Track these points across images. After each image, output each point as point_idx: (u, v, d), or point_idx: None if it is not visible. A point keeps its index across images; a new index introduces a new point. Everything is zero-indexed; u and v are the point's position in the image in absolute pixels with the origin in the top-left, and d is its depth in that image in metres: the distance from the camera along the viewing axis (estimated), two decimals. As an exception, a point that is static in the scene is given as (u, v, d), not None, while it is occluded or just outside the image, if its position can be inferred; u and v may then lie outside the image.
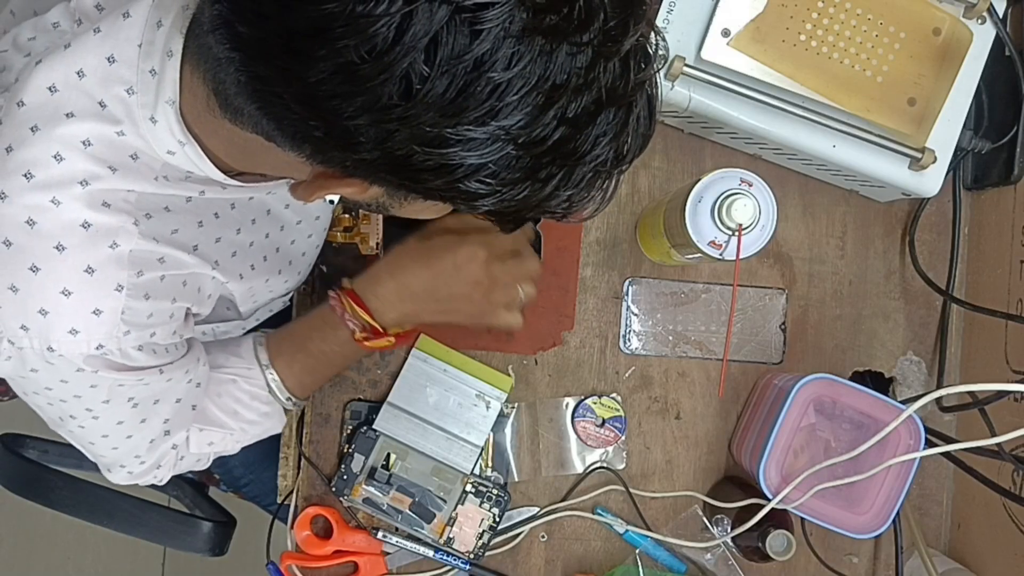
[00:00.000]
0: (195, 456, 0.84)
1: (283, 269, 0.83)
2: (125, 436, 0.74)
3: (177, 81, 0.58)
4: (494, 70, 0.46)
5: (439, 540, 0.92)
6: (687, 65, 0.85)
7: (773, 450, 0.85)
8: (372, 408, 0.93)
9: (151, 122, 0.60)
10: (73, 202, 0.60)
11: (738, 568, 0.94)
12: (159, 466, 0.81)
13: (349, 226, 0.94)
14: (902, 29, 0.86)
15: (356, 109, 0.47)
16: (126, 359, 0.66)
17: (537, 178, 0.51)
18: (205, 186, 0.68)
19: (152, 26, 0.59)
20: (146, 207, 0.64)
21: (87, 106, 0.60)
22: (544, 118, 0.48)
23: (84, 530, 1.11)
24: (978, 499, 0.95)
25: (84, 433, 0.73)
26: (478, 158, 0.49)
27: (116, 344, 0.64)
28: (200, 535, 1.04)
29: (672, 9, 0.87)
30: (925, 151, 0.87)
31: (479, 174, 0.50)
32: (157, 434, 0.76)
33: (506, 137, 0.48)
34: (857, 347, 0.99)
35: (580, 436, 0.95)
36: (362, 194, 0.57)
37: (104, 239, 0.62)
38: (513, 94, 0.47)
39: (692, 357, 0.97)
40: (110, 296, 0.63)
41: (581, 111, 0.49)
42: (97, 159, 0.60)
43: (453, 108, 0.47)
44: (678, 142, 0.98)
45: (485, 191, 0.51)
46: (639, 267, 0.97)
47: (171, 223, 0.67)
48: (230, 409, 0.83)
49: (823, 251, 0.99)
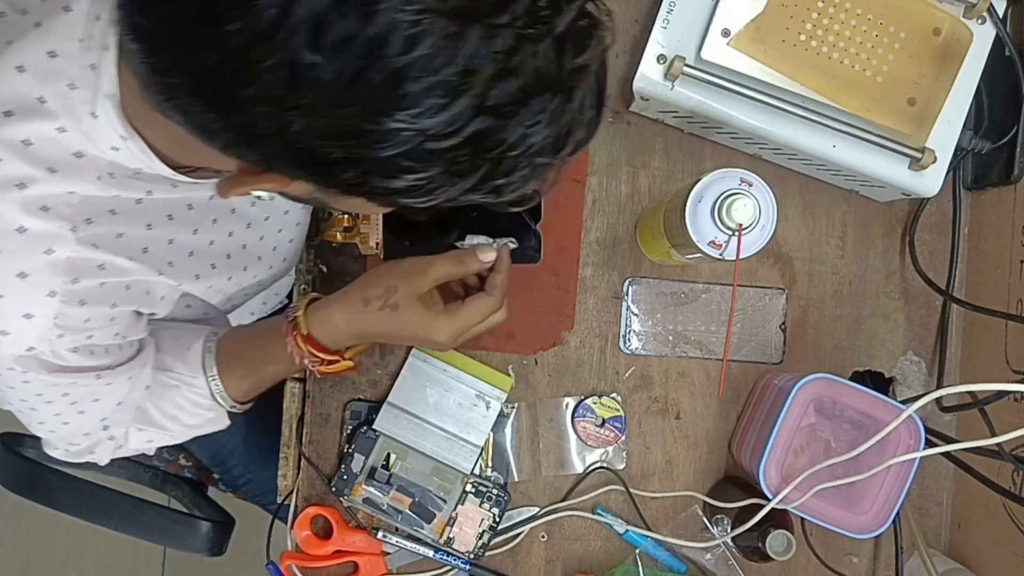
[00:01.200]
0: (134, 449, 0.84)
1: (250, 265, 0.82)
2: (62, 423, 0.74)
3: (114, 75, 0.57)
4: (389, 55, 0.42)
5: (439, 540, 0.92)
6: (687, 65, 0.85)
7: (773, 450, 0.85)
8: (372, 408, 0.93)
9: (92, 117, 0.59)
10: (9, 205, 0.59)
11: (738, 568, 0.94)
12: (93, 452, 0.81)
13: (349, 226, 0.94)
14: (902, 29, 0.86)
15: (248, 99, 0.44)
16: (59, 360, 0.66)
17: (457, 171, 0.48)
18: (154, 184, 0.66)
19: (92, 20, 0.58)
20: (88, 211, 0.62)
21: (27, 103, 0.58)
22: (455, 107, 0.44)
23: (84, 530, 1.11)
24: (978, 499, 0.95)
25: (22, 416, 0.74)
26: (385, 151, 0.45)
27: (48, 346, 0.64)
28: (199, 535, 1.04)
29: (672, 9, 0.87)
30: (925, 151, 0.87)
31: (390, 168, 0.46)
32: (93, 428, 0.77)
33: (413, 128, 0.44)
34: (857, 347, 0.99)
35: (580, 436, 0.95)
36: (286, 189, 0.54)
37: (39, 245, 0.60)
38: (414, 81, 0.43)
39: (692, 357, 0.97)
40: (42, 302, 0.62)
41: (505, 99, 0.45)
42: (37, 160, 0.59)
43: (348, 97, 0.43)
44: (678, 142, 0.98)
45: (402, 186, 0.48)
46: (639, 267, 0.97)
47: (116, 227, 0.65)
48: (170, 414, 0.82)
49: (823, 251, 0.99)
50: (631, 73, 0.89)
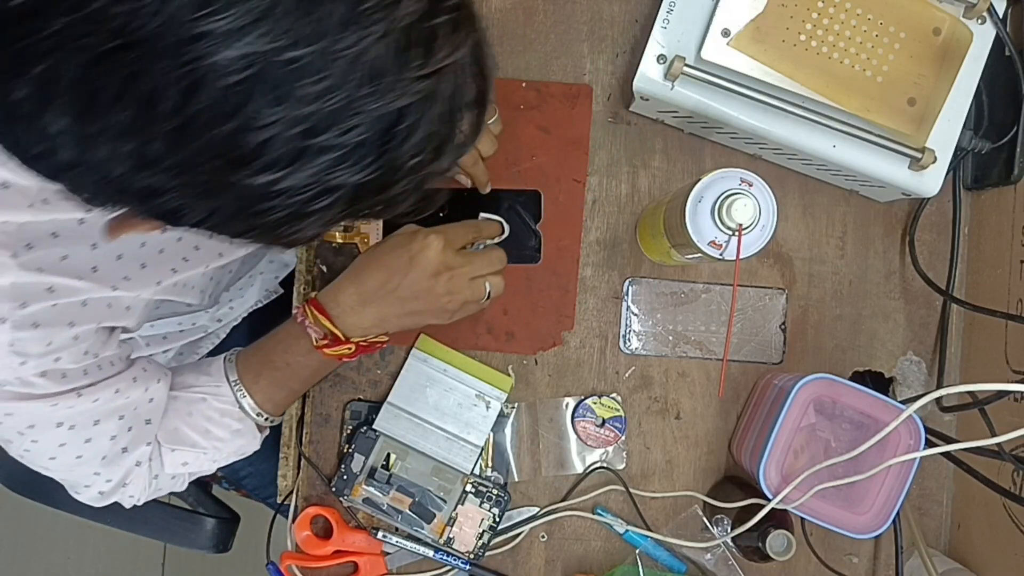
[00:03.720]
0: (170, 475, 0.83)
1: (209, 260, 0.81)
2: (74, 456, 0.73)
3: None
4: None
5: (439, 540, 0.92)
6: (687, 65, 0.85)
7: (773, 450, 0.85)
8: (372, 408, 0.93)
9: None
10: None
11: (738, 568, 0.94)
12: (125, 483, 0.80)
13: (349, 226, 0.94)
14: (902, 29, 0.86)
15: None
16: (29, 388, 0.65)
17: (357, 211, 0.47)
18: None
19: None
20: (27, 237, 0.61)
21: None
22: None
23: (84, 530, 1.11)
24: (978, 499, 0.95)
25: (31, 457, 0.72)
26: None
27: (13, 374, 0.63)
28: (204, 532, 1.04)
29: (672, 9, 0.87)
30: (925, 151, 0.87)
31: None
32: (109, 451, 0.75)
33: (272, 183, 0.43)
34: (857, 347, 0.99)
35: (580, 436, 0.95)
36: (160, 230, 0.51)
37: None
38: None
39: (692, 357, 0.97)
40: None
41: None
42: None
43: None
44: (678, 142, 0.98)
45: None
46: (639, 267, 0.97)
47: (59, 249, 0.64)
48: (201, 428, 0.82)
49: (823, 251, 0.99)
50: (631, 73, 0.89)
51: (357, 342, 0.82)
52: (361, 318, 0.81)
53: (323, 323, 0.80)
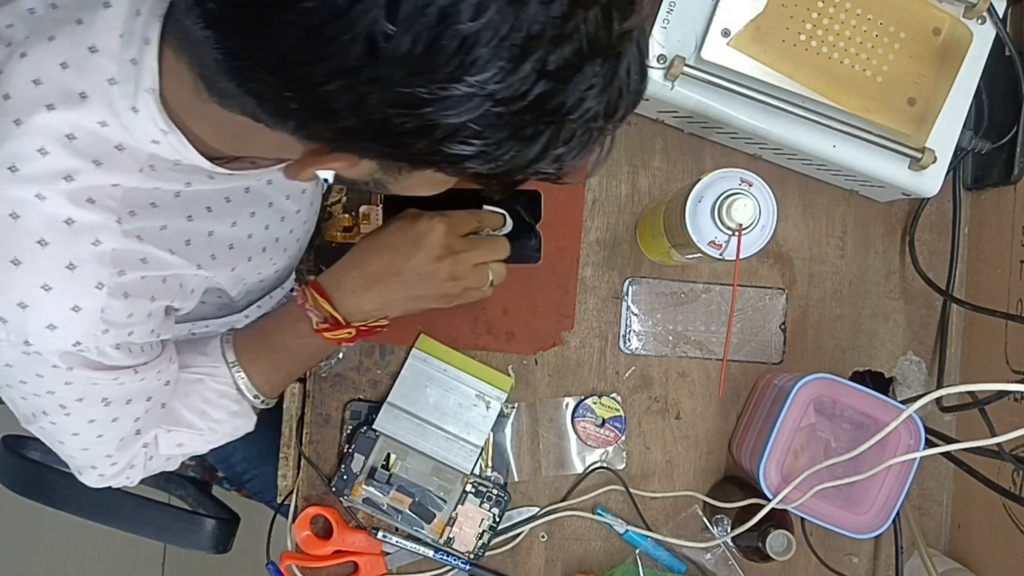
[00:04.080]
0: (164, 456, 0.83)
1: (276, 258, 0.83)
2: (96, 435, 0.73)
3: (156, 69, 0.58)
4: (460, 22, 0.44)
5: (439, 540, 0.92)
6: (687, 65, 0.85)
7: (773, 450, 0.85)
8: (372, 408, 0.93)
9: (133, 112, 0.59)
10: (57, 197, 0.60)
11: (738, 568, 0.94)
12: (132, 466, 0.80)
13: (349, 226, 0.94)
14: (902, 29, 0.86)
15: (326, 74, 0.46)
16: (102, 357, 0.66)
17: (523, 136, 0.50)
18: (192, 176, 0.67)
19: (132, 15, 0.58)
20: (131, 203, 0.63)
21: (70, 98, 0.59)
22: (520, 71, 0.47)
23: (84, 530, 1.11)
24: (978, 499, 0.95)
25: (55, 430, 0.72)
26: (456, 117, 0.47)
27: (94, 342, 0.64)
28: (204, 532, 1.04)
29: (672, 9, 0.87)
30: (925, 151, 0.87)
31: (461, 134, 0.49)
32: (127, 433, 0.76)
33: (482, 93, 0.47)
34: (857, 347, 0.99)
35: (580, 436, 0.95)
36: (353, 168, 0.56)
37: (87, 236, 0.61)
38: (483, 46, 0.45)
39: (692, 357, 0.97)
40: (90, 294, 0.62)
41: (562, 63, 0.48)
42: (81, 153, 0.60)
43: (423, 65, 0.45)
44: (678, 142, 0.98)
45: (470, 152, 0.50)
46: (639, 267, 0.97)
47: (158, 219, 0.66)
48: (198, 409, 0.82)
49: (823, 251, 0.99)
50: (631, 73, 0.89)
51: (357, 326, 0.82)
52: (363, 301, 0.81)
53: (323, 306, 0.80)
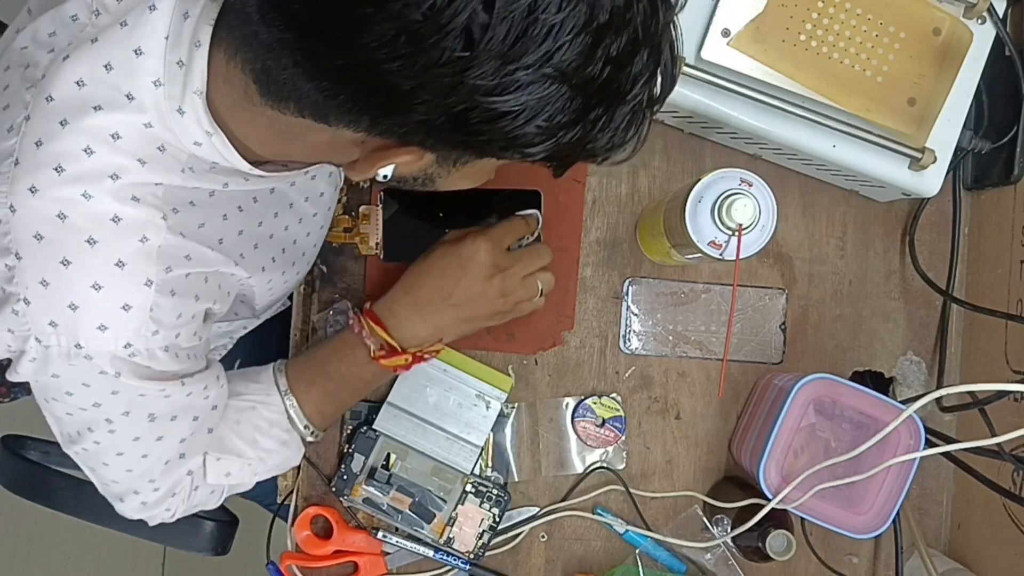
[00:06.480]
0: (210, 488, 0.82)
1: (296, 260, 0.83)
2: (140, 455, 0.72)
3: (205, 71, 0.59)
4: (547, 12, 0.48)
5: (439, 540, 0.92)
6: (687, 65, 0.85)
7: (773, 450, 0.85)
8: (372, 408, 0.93)
9: (178, 113, 0.60)
10: (104, 195, 0.60)
11: (738, 568, 0.94)
12: (173, 494, 0.78)
13: (349, 226, 0.94)
14: (902, 29, 0.86)
15: (419, 68, 0.49)
16: (152, 361, 0.65)
17: (587, 119, 0.53)
18: (229, 178, 0.68)
19: (179, 18, 0.59)
20: (173, 201, 0.64)
21: (115, 99, 0.60)
22: (594, 57, 0.50)
23: (84, 530, 1.11)
24: (978, 499, 0.95)
25: (98, 450, 0.71)
26: (537, 102, 0.51)
27: (144, 343, 0.64)
28: (203, 534, 1.04)
29: (672, 9, 0.87)
30: (925, 151, 0.87)
31: (537, 119, 0.52)
32: (172, 455, 0.74)
33: (562, 78, 0.50)
34: (857, 347, 0.99)
35: (580, 436, 0.95)
36: (418, 162, 0.59)
37: (134, 233, 0.61)
38: (566, 34, 0.49)
39: (692, 357, 0.97)
40: (140, 291, 0.62)
41: (622, 50, 0.51)
42: (126, 152, 0.61)
43: (513, 53, 0.48)
44: (678, 142, 0.98)
45: (541, 136, 0.53)
46: (639, 267, 0.97)
47: (197, 217, 0.66)
48: (249, 437, 0.81)
49: (823, 251, 0.99)
50: (631, 73, 0.89)
51: (413, 352, 0.83)
52: (417, 328, 0.82)
53: (379, 334, 0.81)
